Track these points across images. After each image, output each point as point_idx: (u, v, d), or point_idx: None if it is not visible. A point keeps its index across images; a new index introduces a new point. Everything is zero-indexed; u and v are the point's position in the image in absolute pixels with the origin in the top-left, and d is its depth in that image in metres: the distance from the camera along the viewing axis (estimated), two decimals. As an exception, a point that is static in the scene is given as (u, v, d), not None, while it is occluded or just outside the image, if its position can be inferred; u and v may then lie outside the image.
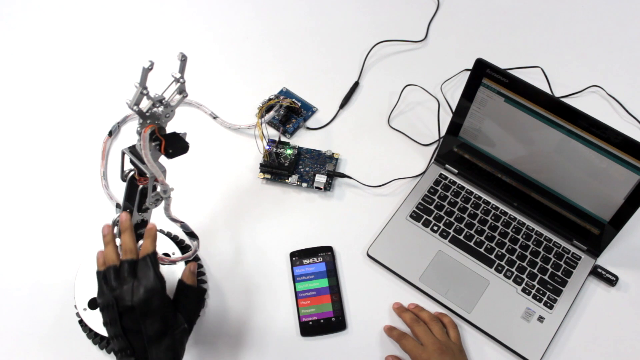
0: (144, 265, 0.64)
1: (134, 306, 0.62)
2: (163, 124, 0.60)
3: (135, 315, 0.62)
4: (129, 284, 0.62)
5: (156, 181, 0.60)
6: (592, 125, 0.72)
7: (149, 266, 0.63)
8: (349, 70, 1.03)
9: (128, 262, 0.64)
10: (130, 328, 0.62)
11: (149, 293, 0.62)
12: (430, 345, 0.74)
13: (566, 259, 0.84)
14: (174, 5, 1.11)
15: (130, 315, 0.62)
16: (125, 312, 0.62)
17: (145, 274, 0.63)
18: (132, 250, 0.65)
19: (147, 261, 0.64)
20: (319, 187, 0.89)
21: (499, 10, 1.12)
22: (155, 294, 0.62)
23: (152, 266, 0.63)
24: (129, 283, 0.62)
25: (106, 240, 0.66)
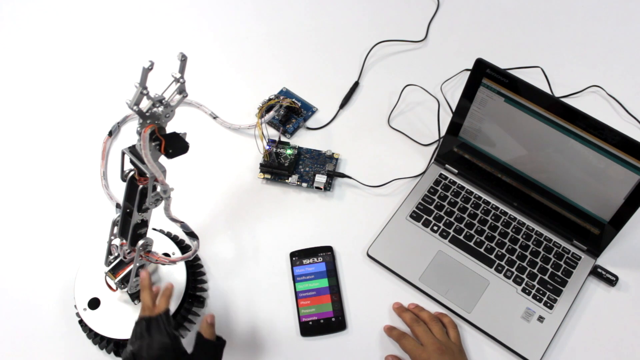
0: (156, 324, 0.66)
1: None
2: (163, 124, 0.60)
3: None
4: (145, 341, 0.65)
5: (156, 181, 0.60)
6: (591, 125, 0.72)
7: (161, 325, 0.66)
8: (349, 70, 1.03)
9: (145, 320, 0.67)
10: None
11: (161, 351, 0.64)
12: (430, 345, 0.74)
13: (566, 259, 0.84)
14: (174, 5, 1.11)
15: None
16: None
17: (158, 332, 0.66)
18: (150, 307, 0.68)
19: (158, 320, 0.66)
20: (319, 187, 0.89)
21: (499, 10, 1.12)
22: (167, 352, 0.64)
23: (163, 325, 0.66)
24: (145, 340, 0.65)
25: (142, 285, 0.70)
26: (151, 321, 0.67)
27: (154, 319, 0.67)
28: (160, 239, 0.81)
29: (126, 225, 0.67)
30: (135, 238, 0.68)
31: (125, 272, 0.74)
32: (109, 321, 0.75)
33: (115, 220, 0.69)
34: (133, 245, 0.68)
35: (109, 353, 0.76)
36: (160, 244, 0.81)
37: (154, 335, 0.65)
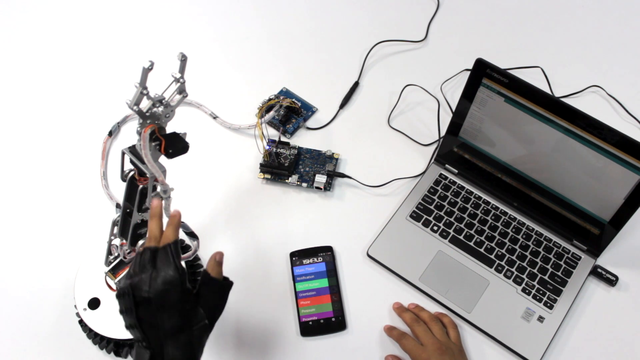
0: (163, 255, 0.60)
1: (150, 298, 0.58)
2: (163, 124, 0.60)
3: (152, 308, 0.58)
4: (148, 273, 0.58)
5: (156, 181, 0.60)
6: (591, 125, 0.72)
7: (169, 256, 0.59)
8: (349, 70, 1.03)
9: (150, 250, 0.60)
10: (146, 320, 0.58)
11: (166, 285, 0.58)
12: (430, 345, 0.74)
13: (566, 259, 0.84)
14: (174, 5, 1.11)
15: (147, 307, 0.58)
16: (141, 303, 0.58)
17: (164, 265, 0.59)
18: (157, 238, 0.61)
19: (167, 250, 0.60)
20: (319, 187, 0.89)
21: (499, 10, 1.12)
22: (173, 287, 0.58)
23: (171, 257, 0.59)
24: (147, 272, 0.58)
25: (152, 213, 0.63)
26: (157, 252, 0.60)
27: (161, 249, 0.60)
28: (160, 239, 0.81)
29: (126, 225, 0.67)
30: (135, 238, 0.68)
31: (125, 272, 0.74)
32: (109, 321, 0.75)
33: (115, 220, 0.69)
34: (133, 245, 0.68)
35: (109, 353, 0.76)
36: (160, 244, 0.81)
37: (160, 267, 0.59)
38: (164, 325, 0.58)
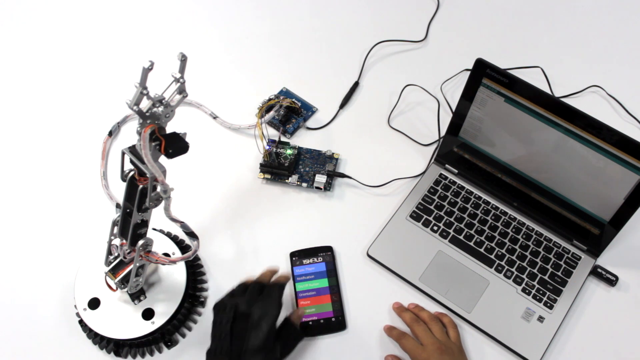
0: (272, 288, 0.72)
1: (249, 314, 0.68)
2: (163, 124, 0.60)
3: (246, 324, 0.67)
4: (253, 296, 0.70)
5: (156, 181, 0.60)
6: (591, 125, 0.72)
7: (276, 291, 0.71)
8: (349, 70, 1.03)
9: (258, 284, 0.72)
10: (236, 333, 0.67)
11: (266, 309, 0.68)
12: (430, 345, 0.74)
13: (566, 259, 0.84)
14: (174, 5, 1.11)
15: (242, 322, 0.67)
16: (239, 318, 0.68)
17: (271, 295, 0.71)
18: (267, 280, 0.75)
19: (276, 287, 0.72)
20: (319, 187, 0.89)
21: (499, 10, 1.12)
22: (271, 314, 0.68)
23: (278, 292, 0.71)
24: (253, 296, 0.70)
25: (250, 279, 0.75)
26: (266, 287, 0.72)
27: (272, 285, 0.72)
28: (160, 239, 0.81)
29: (126, 225, 0.67)
30: (135, 238, 0.68)
31: (125, 272, 0.74)
32: (109, 321, 0.75)
33: (115, 220, 0.69)
34: (133, 245, 0.68)
35: (109, 353, 0.76)
36: (160, 244, 0.81)
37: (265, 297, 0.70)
38: (250, 340, 0.66)
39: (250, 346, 0.66)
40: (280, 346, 0.69)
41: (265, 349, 0.67)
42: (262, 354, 0.66)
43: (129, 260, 0.71)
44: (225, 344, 0.67)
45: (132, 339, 0.75)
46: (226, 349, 0.66)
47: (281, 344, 0.70)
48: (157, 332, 0.75)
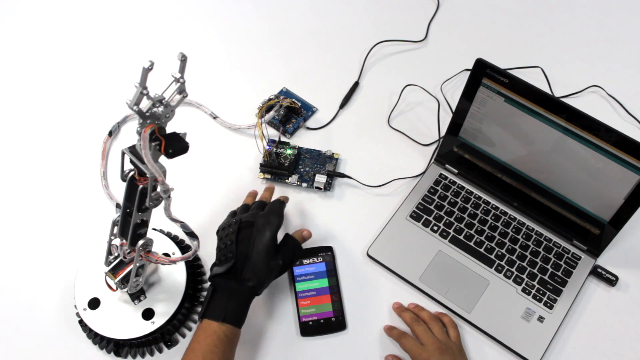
0: (274, 203, 0.78)
1: (254, 222, 0.73)
2: (163, 124, 0.60)
3: (251, 230, 0.73)
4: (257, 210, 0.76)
5: (156, 181, 0.60)
6: (591, 125, 0.72)
7: (277, 204, 0.77)
8: (349, 70, 1.03)
9: (260, 202, 0.80)
10: (241, 239, 0.72)
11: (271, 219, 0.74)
12: (430, 344, 0.74)
13: (566, 259, 0.84)
14: (174, 5, 1.11)
15: (246, 230, 0.73)
16: (245, 227, 0.73)
17: (274, 205, 0.77)
18: (267, 198, 0.83)
19: (277, 202, 0.78)
20: (319, 187, 0.89)
21: (499, 10, 1.12)
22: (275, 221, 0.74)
23: (279, 206, 0.77)
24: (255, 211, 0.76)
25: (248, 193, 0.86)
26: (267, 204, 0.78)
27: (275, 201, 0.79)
28: (160, 239, 0.81)
29: (126, 225, 0.67)
30: (135, 238, 0.68)
31: (125, 272, 0.74)
32: (109, 321, 0.75)
33: (115, 220, 0.69)
34: (133, 245, 0.68)
35: (109, 353, 0.76)
36: (160, 244, 0.81)
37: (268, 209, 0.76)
38: (254, 245, 0.72)
39: (255, 250, 0.71)
40: (282, 256, 0.74)
41: (268, 253, 0.72)
42: (266, 258, 0.71)
43: (129, 260, 0.71)
44: (232, 249, 0.71)
45: (132, 339, 0.75)
46: (233, 253, 0.71)
47: (282, 254, 0.75)
48: (157, 332, 0.75)
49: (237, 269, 0.71)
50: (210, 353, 0.66)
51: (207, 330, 0.68)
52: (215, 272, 0.71)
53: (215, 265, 0.73)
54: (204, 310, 0.69)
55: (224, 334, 0.68)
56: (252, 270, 0.71)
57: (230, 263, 0.70)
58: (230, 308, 0.69)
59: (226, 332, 0.68)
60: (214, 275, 0.71)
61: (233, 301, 0.70)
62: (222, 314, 0.68)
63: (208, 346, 0.67)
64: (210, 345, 0.67)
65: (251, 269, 0.71)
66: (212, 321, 0.68)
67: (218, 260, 0.73)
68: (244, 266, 0.71)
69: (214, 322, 0.68)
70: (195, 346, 0.67)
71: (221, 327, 0.68)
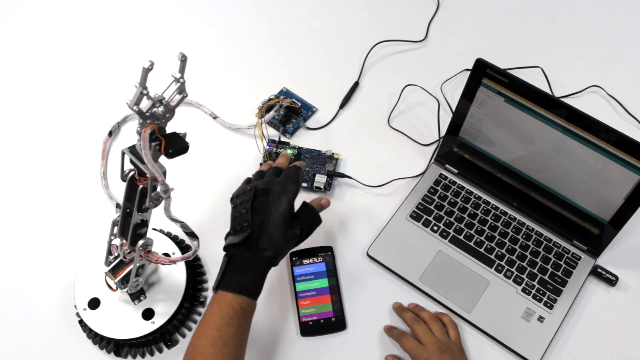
0: (292, 168, 0.74)
1: (270, 190, 0.70)
2: (163, 124, 0.60)
3: (267, 198, 0.69)
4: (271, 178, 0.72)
5: (156, 181, 0.60)
6: (591, 125, 0.72)
7: (294, 171, 0.73)
8: (349, 70, 1.03)
9: (276, 168, 0.76)
10: (256, 208, 0.69)
11: (287, 186, 0.70)
12: (430, 344, 0.74)
13: (566, 259, 0.84)
14: (174, 5, 1.11)
15: (263, 197, 0.70)
16: (258, 196, 0.70)
17: (289, 174, 0.72)
18: (283, 164, 0.78)
19: (293, 168, 0.74)
20: (319, 187, 0.89)
21: (499, 10, 1.12)
22: (292, 188, 0.70)
23: (295, 172, 0.73)
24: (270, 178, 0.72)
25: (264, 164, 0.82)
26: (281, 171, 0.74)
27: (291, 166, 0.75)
28: (160, 239, 0.81)
29: (126, 225, 0.67)
30: (135, 238, 0.68)
31: (125, 272, 0.74)
32: (109, 321, 0.75)
33: (115, 220, 0.69)
34: (133, 245, 0.68)
35: (109, 353, 0.76)
36: (160, 244, 0.81)
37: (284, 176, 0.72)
38: (271, 214, 0.68)
39: (272, 219, 0.68)
40: (300, 225, 0.71)
41: (286, 222, 0.69)
42: (283, 227, 0.68)
43: (129, 260, 0.71)
44: (247, 218, 0.68)
45: (132, 339, 0.75)
46: (248, 222, 0.68)
47: (300, 223, 0.72)
48: (157, 332, 0.75)
49: (253, 239, 0.68)
50: (225, 325, 0.64)
51: (222, 301, 0.66)
52: (230, 242, 0.69)
53: (230, 234, 0.70)
54: (219, 281, 0.67)
55: (239, 305, 0.66)
56: (269, 239, 0.68)
57: (247, 232, 0.68)
58: (246, 279, 0.67)
59: (242, 304, 0.66)
60: (229, 245, 0.69)
61: (249, 272, 0.67)
62: (238, 285, 0.66)
63: (223, 318, 0.65)
64: (225, 317, 0.65)
65: (268, 238, 0.68)
66: (227, 292, 0.66)
67: (233, 230, 0.70)
68: (260, 236, 0.68)
69: (228, 294, 0.66)
70: (209, 318, 0.65)
71: (236, 298, 0.66)
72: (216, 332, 0.64)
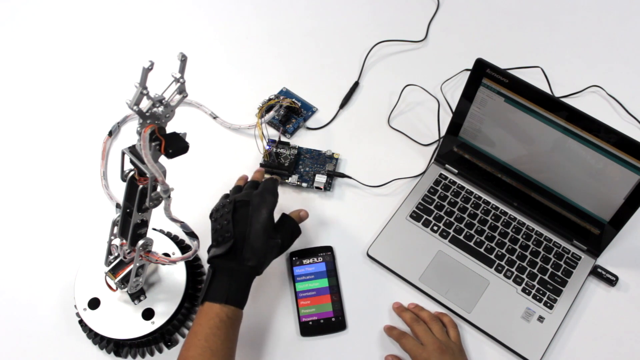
0: (269, 180, 0.77)
1: (249, 201, 0.73)
2: (163, 124, 0.60)
3: (247, 209, 0.72)
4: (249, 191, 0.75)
5: (156, 181, 0.60)
6: (591, 125, 0.72)
7: (271, 183, 0.76)
8: (349, 70, 1.03)
9: (252, 181, 0.79)
10: (237, 219, 0.71)
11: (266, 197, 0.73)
12: (430, 344, 0.74)
13: (566, 259, 0.84)
14: (174, 5, 1.11)
15: (242, 210, 0.72)
16: (241, 206, 0.73)
17: (267, 184, 0.76)
18: (259, 178, 0.82)
19: (270, 180, 0.77)
20: (319, 187, 0.89)
21: (499, 10, 1.12)
22: (270, 199, 0.73)
23: (273, 184, 0.76)
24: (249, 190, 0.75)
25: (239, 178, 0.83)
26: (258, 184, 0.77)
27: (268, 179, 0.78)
28: (160, 239, 0.81)
29: (126, 225, 0.67)
30: (135, 238, 0.68)
31: (125, 272, 0.74)
32: (109, 321, 0.75)
33: (115, 220, 0.69)
34: (133, 245, 0.68)
35: (109, 353, 0.76)
36: (160, 244, 0.81)
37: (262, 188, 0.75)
38: (251, 224, 0.71)
39: (253, 229, 0.71)
40: (281, 235, 0.74)
41: (267, 232, 0.71)
42: (264, 236, 0.71)
43: (129, 260, 0.71)
44: (229, 229, 0.70)
45: (132, 339, 0.75)
46: (230, 232, 0.70)
47: (281, 233, 0.74)
48: (157, 332, 0.75)
49: (237, 249, 0.70)
50: (212, 335, 0.65)
51: (209, 313, 0.67)
52: (214, 254, 0.70)
53: (213, 246, 0.72)
54: (205, 293, 0.68)
55: (226, 315, 0.67)
56: (252, 249, 0.70)
57: (230, 243, 0.69)
58: (232, 289, 0.68)
59: (228, 314, 0.67)
60: (213, 257, 0.70)
61: (234, 282, 0.69)
62: (224, 295, 0.68)
63: (210, 328, 0.66)
64: (213, 328, 0.66)
65: (250, 248, 0.70)
66: (214, 303, 0.67)
67: (215, 242, 0.71)
68: (244, 246, 0.70)
69: (215, 305, 0.67)
70: (197, 329, 0.66)
71: (223, 308, 0.67)
72: (204, 343, 0.65)
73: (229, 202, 0.73)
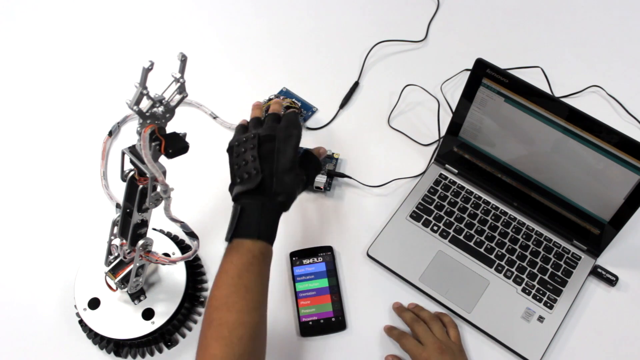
0: (291, 113, 0.73)
1: (275, 136, 0.69)
2: (163, 124, 0.60)
3: (272, 145, 0.69)
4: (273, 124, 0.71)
5: (156, 181, 0.60)
6: (591, 125, 0.72)
7: (295, 115, 0.73)
8: (349, 70, 1.03)
9: (273, 114, 0.74)
10: (263, 155, 0.69)
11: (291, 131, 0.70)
12: (430, 344, 0.74)
13: (566, 259, 0.84)
14: (174, 5, 1.11)
15: (269, 144, 0.69)
16: (266, 141, 0.69)
17: (291, 117, 0.72)
18: (278, 111, 0.75)
19: (292, 113, 0.74)
20: (319, 187, 0.89)
21: (498, 10, 1.12)
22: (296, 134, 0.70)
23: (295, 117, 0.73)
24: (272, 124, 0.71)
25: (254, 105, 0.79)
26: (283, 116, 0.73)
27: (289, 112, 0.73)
28: (160, 239, 0.81)
29: (126, 225, 0.67)
30: (135, 238, 0.68)
31: (125, 272, 0.74)
32: (109, 321, 0.75)
33: (115, 220, 0.69)
34: (133, 245, 0.68)
35: (109, 353, 0.76)
36: (160, 244, 0.81)
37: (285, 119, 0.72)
38: (279, 161, 0.68)
39: (280, 164, 0.68)
40: (305, 170, 0.73)
41: (294, 169, 0.69)
42: (292, 174, 0.69)
43: (129, 260, 0.71)
44: (256, 165, 0.68)
45: (132, 339, 0.75)
46: (257, 169, 0.67)
47: (306, 169, 0.74)
48: (157, 332, 0.75)
49: (266, 185, 0.68)
50: (246, 272, 0.63)
51: (240, 249, 0.65)
52: (241, 190, 0.68)
53: (237, 184, 0.69)
54: (234, 230, 0.66)
55: (259, 251, 0.65)
56: (281, 184, 0.68)
57: (258, 179, 0.67)
58: (263, 224, 0.66)
59: (261, 249, 0.65)
60: (240, 193, 0.68)
61: (265, 217, 0.67)
62: (256, 230, 0.65)
63: (244, 265, 0.64)
64: (246, 264, 0.64)
65: (280, 183, 0.68)
66: (244, 240, 0.65)
67: (239, 179, 0.69)
68: (272, 181, 0.68)
69: (247, 241, 0.65)
70: (228, 267, 0.64)
71: (255, 244, 0.65)
72: (237, 280, 0.63)
73: (253, 137, 0.70)
